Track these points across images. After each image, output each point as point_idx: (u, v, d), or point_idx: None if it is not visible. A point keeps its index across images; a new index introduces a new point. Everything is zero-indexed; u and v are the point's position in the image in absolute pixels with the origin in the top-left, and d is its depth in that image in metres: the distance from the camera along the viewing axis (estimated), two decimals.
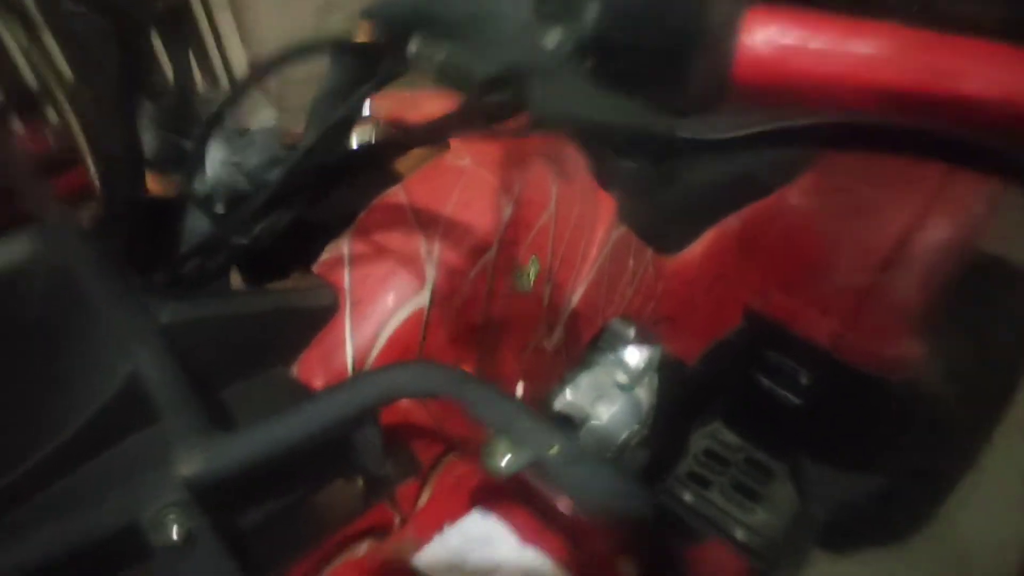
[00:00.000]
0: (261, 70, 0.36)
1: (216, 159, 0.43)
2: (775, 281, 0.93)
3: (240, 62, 1.79)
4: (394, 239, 0.47)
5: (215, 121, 0.40)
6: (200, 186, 0.44)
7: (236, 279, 0.46)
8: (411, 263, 0.47)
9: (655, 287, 0.78)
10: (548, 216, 0.57)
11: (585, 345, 0.67)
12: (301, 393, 0.42)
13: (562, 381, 0.61)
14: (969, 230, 0.85)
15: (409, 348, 0.46)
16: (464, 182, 0.51)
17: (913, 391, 0.86)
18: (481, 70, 0.26)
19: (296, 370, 0.43)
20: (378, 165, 0.44)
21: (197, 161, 0.42)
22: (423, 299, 0.46)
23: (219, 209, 0.44)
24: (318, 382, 0.43)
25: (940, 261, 0.84)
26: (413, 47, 0.29)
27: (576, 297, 0.62)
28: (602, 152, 0.79)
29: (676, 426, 1.01)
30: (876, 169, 0.85)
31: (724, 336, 0.96)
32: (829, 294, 0.88)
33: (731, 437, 1.03)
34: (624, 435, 0.84)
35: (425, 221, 0.48)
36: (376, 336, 0.44)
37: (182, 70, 0.37)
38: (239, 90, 0.38)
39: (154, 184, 0.43)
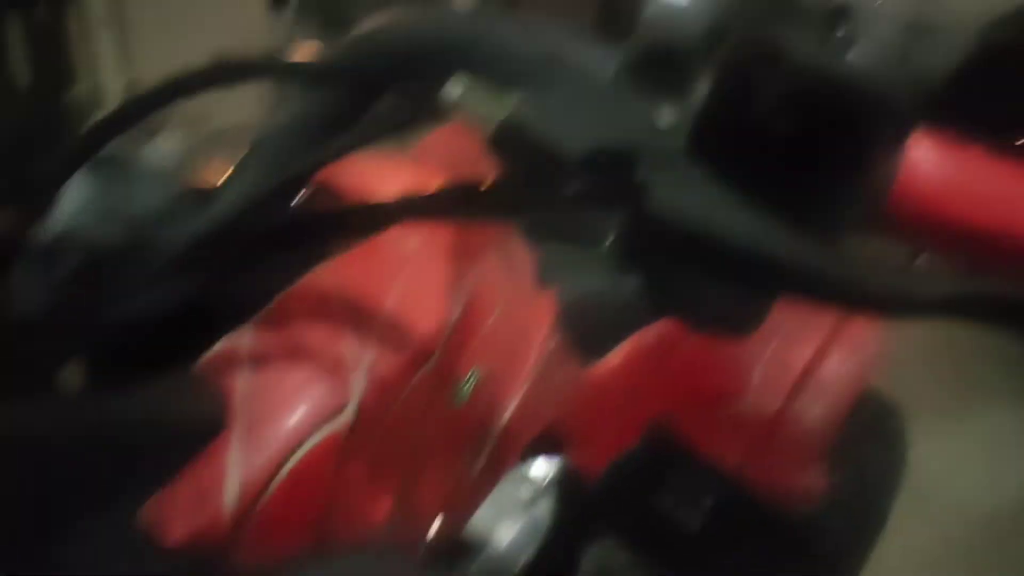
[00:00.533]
0: (176, 86, 0.25)
1: (77, 198, 0.30)
2: (683, 399, 0.90)
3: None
4: (314, 337, 0.36)
5: (90, 143, 0.28)
6: (44, 234, 0.30)
7: (75, 372, 0.32)
8: (333, 371, 0.36)
9: (575, 400, 0.72)
10: (495, 319, 0.48)
11: (509, 469, 0.58)
12: (148, 555, 0.29)
13: None
14: (867, 365, 0.88)
15: (319, 485, 0.35)
16: (410, 271, 0.41)
17: (811, 524, 0.85)
18: (574, 141, 0.18)
19: (148, 514, 0.30)
20: (325, 240, 0.33)
21: (47, 196, 0.29)
22: (344, 420, 0.35)
23: (66, 270, 0.31)
24: (178, 533, 0.30)
25: (843, 394, 0.85)
26: (456, 90, 0.20)
27: (507, 414, 0.53)
28: (554, 245, 0.73)
29: (570, 545, 0.93)
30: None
31: (627, 452, 0.91)
32: (737, 417, 0.86)
33: (625, 557, 0.96)
34: (521, 562, 0.75)
35: (357, 317, 0.37)
36: (274, 469, 0.32)
37: (46, 65, 0.25)
38: (137, 105, 0.26)
39: None
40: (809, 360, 0.86)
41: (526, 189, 0.21)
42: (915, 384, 1.33)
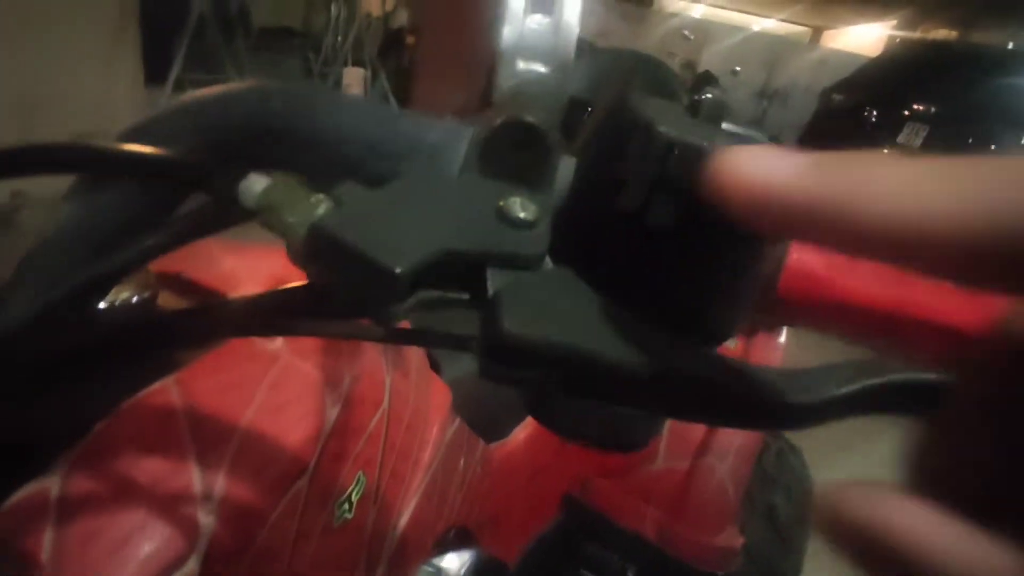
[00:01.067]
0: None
1: None
2: (595, 468, 0.87)
3: None
4: (149, 470, 0.30)
5: None
6: None
7: None
8: (173, 511, 0.29)
9: (482, 485, 0.67)
10: (381, 415, 0.43)
11: (423, 567, 0.51)
12: None
13: None
14: None
15: None
16: (274, 376, 0.36)
17: None
18: (408, 245, 0.14)
19: None
20: (147, 354, 0.28)
21: None
22: (188, 570, 0.29)
23: None
24: None
25: (746, 445, 0.86)
26: (257, 186, 0.16)
27: (405, 519, 0.48)
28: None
29: None
30: None
31: (542, 532, 0.87)
32: (650, 482, 0.84)
33: None
34: None
35: (209, 438, 0.32)
36: None
37: None
38: None
39: None
40: None
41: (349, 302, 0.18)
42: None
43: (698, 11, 9.67)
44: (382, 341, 0.21)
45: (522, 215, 0.16)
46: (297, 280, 0.28)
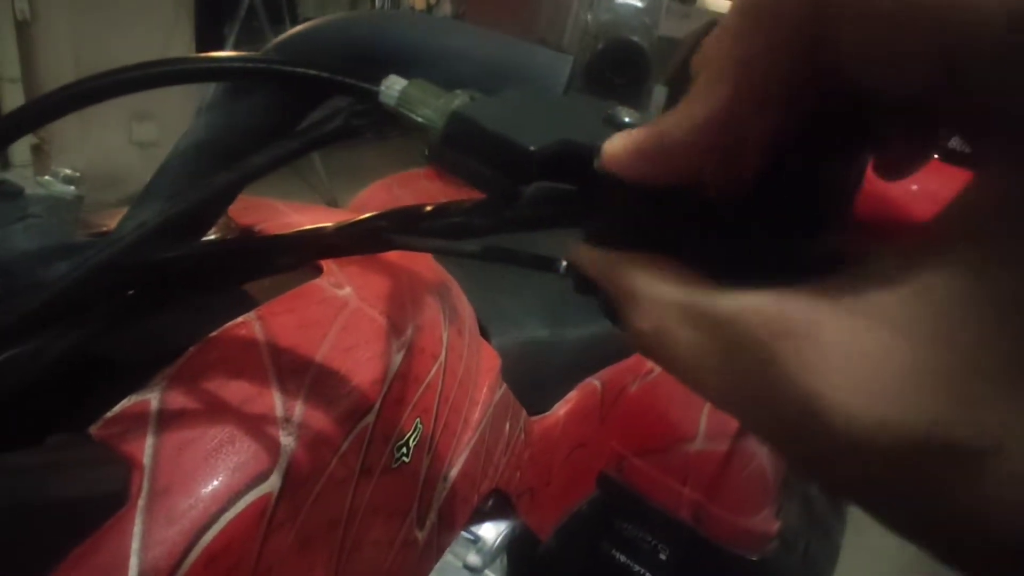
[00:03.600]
0: (72, 95, 0.22)
1: None
2: (632, 448, 0.88)
3: None
4: (236, 392, 0.32)
5: None
6: None
7: None
8: (258, 429, 0.32)
9: (523, 455, 0.68)
10: (438, 368, 0.45)
11: (458, 531, 0.53)
12: None
13: None
14: None
15: (241, 563, 0.30)
16: (344, 319, 0.38)
17: (769, 567, 0.83)
18: (532, 137, 0.16)
19: None
20: (239, 279, 0.30)
21: None
22: (271, 485, 0.31)
23: None
24: None
25: None
26: (395, 90, 0.18)
27: (455, 471, 0.50)
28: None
29: None
30: None
31: (577, 507, 0.88)
32: (688, 463, 0.84)
33: None
34: None
35: (288, 368, 0.34)
36: (186, 548, 0.28)
37: None
38: (27, 116, 0.23)
39: None
40: None
41: (485, 203, 0.19)
42: None
43: None
44: (476, 258, 0.22)
45: (627, 120, 0.17)
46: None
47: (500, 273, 0.73)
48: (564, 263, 0.22)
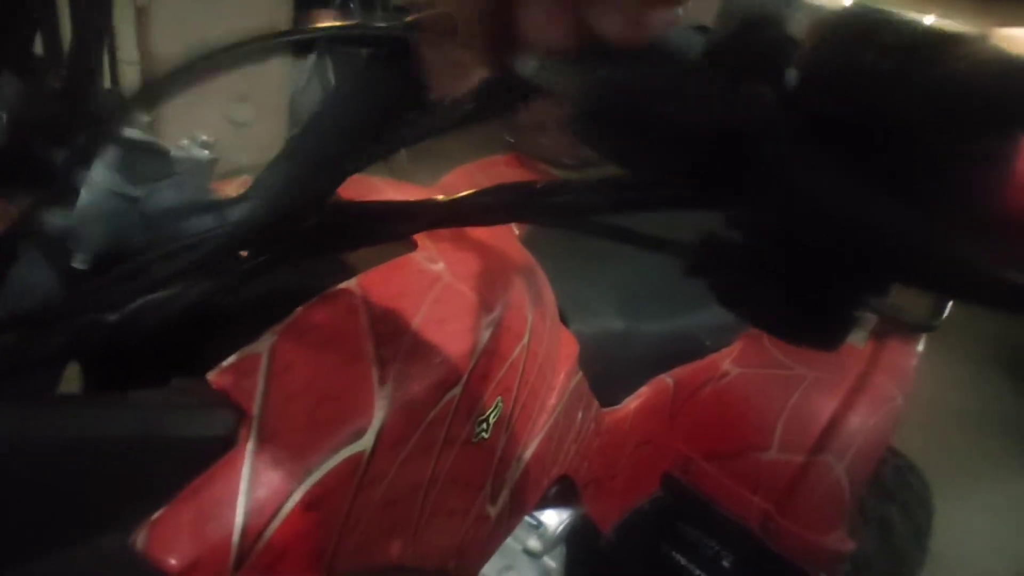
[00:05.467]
0: (228, 54, 0.23)
1: (99, 185, 0.28)
2: (701, 450, 0.86)
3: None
4: (337, 353, 0.33)
5: (115, 122, 0.26)
6: (58, 221, 0.28)
7: (72, 376, 0.29)
8: (357, 388, 0.33)
9: (593, 444, 0.68)
10: (521, 350, 0.46)
11: (527, 513, 0.54)
12: None
13: None
14: (891, 422, 0.85)
15: (333, 513, 0.31)
16: (438, 293, 0.39)
17: None
18: (675, 115, 0.16)
19: (146, 537, 0.27)
20: (359, 243, 0.31)
21: (68, 181, 0.27)
22: (365, 443, 0.32)
23: (80, 262, 0.29)
24: (180, 557, 0.27)
25: (867, 449, 0.82)
26: (530, 66, 0.18)
27: (529, 452, 0.50)
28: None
29: None
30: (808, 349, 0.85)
31: (640, 504, 0.87)
32: (759, 471, 0.82)
33: None
34: None
35: (385, 335, 0.35)
36: (288, 492, 0.29)
37: (88, 36, 0.23)
38: (176, 77, 0.24)
39: None
40: (833, 413, 0.82)
41: (624, 177, 0.19)
42: (931, 446, 1.29)
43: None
44: (594, 234, 0.23)
45: (763, 100, 0.17)
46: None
47: (577, 262, 0.73)
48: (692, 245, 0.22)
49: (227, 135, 2.48)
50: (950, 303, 0.97)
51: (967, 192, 0.17)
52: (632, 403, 0.78)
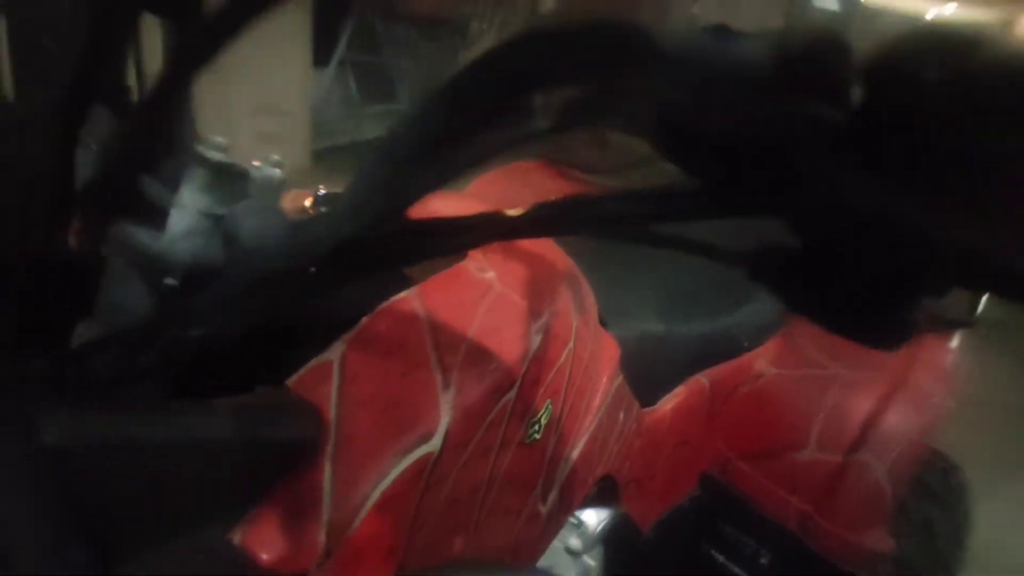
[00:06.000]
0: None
1: (186, 206, 0.30)
2: (738, 450, 0.87)
3: None
4: (402, 360, 0.35)
5: (198, 146, 0.28)
6: (150, 242, 0.31)
7: (165, 385, 0.32)
8: (422, 394, 0.35)
9: (633, 444, 0.69)
10: (568, 354, 0.47)
11: (574, 511, 0.55)
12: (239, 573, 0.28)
13: None
14: (930, 420, 0.84)
15: (404, 513, 0.33)
16: (490, 301, 0.41)
17: None
18: (730, 126, 0.17)
19: (242, 533, 0.29)
20: (422, 257, 0.33)
21: (158, 204, 0.30)
22: (433, 445, 0.34)
23: (171, 280, 0.31)
24: (269, 554, 0.29)
25: (906, 448, 0.82)
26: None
27: (576, 452, 0.52)
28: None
29: None
30: (844, 347, 0.85)
31: (678, 503, 0.88)
32: (797, 471, 0.82)
33: None
34: None
35: (445, 343, 0.37)
36: (368, 491, 0.31)
37: (179, 70, 0.25)
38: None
39: (75, 231, 0.29)
40: (871, 412, 0.82)
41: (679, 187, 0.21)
42: (971, 442, 1.28)
43: None
44: (651, 244, 0.24)
45: (821, 115, 0.18)
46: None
47: (617, 267, 0.75)
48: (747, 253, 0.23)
49: (254, 148, 2.54)
50: (984, 298, 0.97)
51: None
52: (670, 403, 0.79)
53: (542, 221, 0.27)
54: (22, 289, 0.25)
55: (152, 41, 0.31)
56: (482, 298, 0.41)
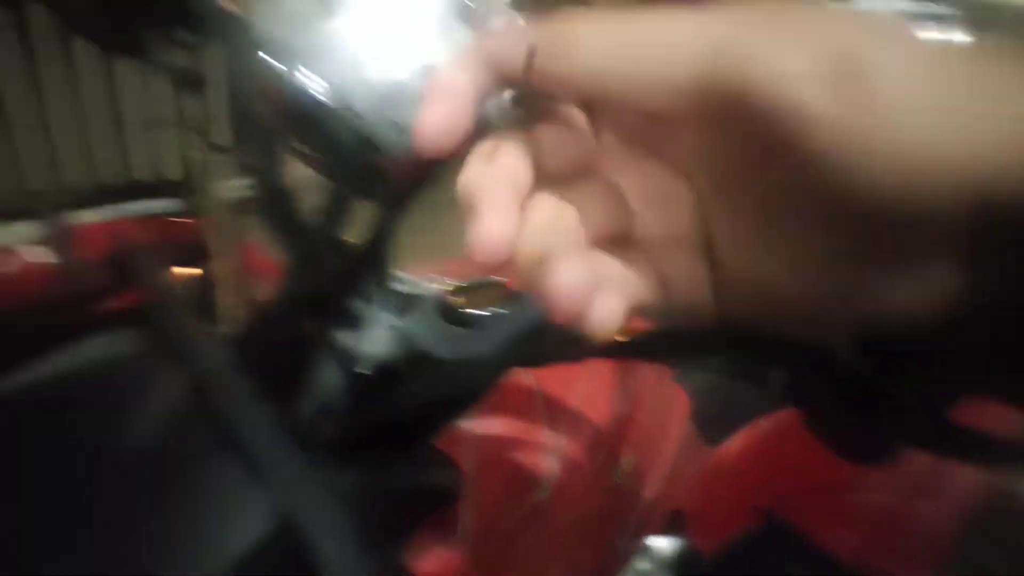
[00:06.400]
0: None
1: (377, 318, 0.42)
2: (796, 487, 0.92)
3: None
4: (521, 423, 0.46)
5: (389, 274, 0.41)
6: (347, 340, 0.43)
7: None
8: (535, 450, 0.45)
9: (700, 481, 0.78)
10: (643, 412, 0.57)
11: (646, 540, 0.64)
12: None
13: None
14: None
15: (521, 545, 0.44)
16: (588, 374, 0.51)
17: None
18: None
19: (407, 553, 0.40)
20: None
21: (355, 314, 0.42)
22: (544, 487, 0.44)
23: (362, 369, 0.43)
24: (425, 569, 0.40)
25: (965, 493, 0.85)
26: None
27: (651, 492, 0.61)
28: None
29: None
30: None
31: (739, 537, 0.94)
32: (856, 509, 0.88)
33: None
34: None
35: (553, 411, 0.47)
36: (489, 532, 0.42)
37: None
38: None
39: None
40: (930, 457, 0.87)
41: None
42: None
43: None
44: (714, 371, 0.33)
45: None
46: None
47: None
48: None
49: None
50: None
51: None
52: (733, 444, 0.86)
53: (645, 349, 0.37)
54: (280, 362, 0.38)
55: None
56: (581, 371, 0.51)
